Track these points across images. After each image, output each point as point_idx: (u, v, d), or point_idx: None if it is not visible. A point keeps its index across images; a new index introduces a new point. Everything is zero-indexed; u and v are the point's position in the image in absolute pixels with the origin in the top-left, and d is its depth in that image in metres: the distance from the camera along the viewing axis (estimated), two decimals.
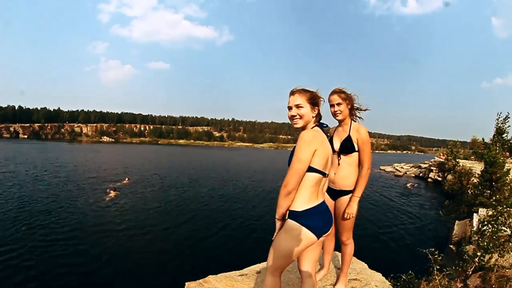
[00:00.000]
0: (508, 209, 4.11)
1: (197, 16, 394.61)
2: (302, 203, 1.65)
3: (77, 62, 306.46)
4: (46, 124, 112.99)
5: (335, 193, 2.39)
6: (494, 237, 3.38)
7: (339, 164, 2.33)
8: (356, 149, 2.33)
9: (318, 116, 1.81)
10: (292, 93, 1.78)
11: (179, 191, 15.32)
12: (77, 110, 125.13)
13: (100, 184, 16.27)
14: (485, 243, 3.32)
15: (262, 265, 3.09)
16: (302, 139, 1.63)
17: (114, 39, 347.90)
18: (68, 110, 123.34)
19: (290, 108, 1.77)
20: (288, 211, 1.66)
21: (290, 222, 1.66)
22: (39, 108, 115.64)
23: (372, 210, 12.20)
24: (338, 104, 2.32)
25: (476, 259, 3.29)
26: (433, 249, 3.16)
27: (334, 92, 2.35)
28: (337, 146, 2.34)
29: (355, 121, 2.41)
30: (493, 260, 3.39)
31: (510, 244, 3.37)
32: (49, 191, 13.81)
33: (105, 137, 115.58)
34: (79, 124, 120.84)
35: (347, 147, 2.33)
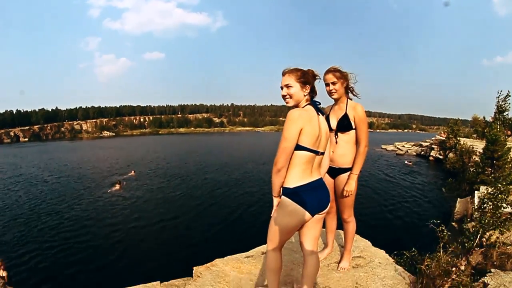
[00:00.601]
0: (508, 186, 4.18)
1: (189, 3, 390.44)
2: (293, 180, 1.68)
3: (71, 60, 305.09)
4: (46, 125, 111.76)
5: (334, 171, 2.39)
6: (495, 214, 3.44)
7: (336, 142, 2.34)
8: (353, 127, 2.34)
9: (312, 94, 1.80)
10: (283, 73, 1.79)
11: (184, 180, 15.50)
12: (76, 108, 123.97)
13: (106, 179, 16.39)
14: (486, 221, 3.38)
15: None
16: (287, 117, 1.66)
17: (107, 33, 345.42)
18: (67, 109, 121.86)
19: (281, 88, 1.78)
20: (282, 188, 1.70)
21: (284, 199, 1.70)
22: (37, 110, 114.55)
23: (375, 189, 12.32)
24: (333, 83, 2.30)
25: (478, 236, 3.37)
26: (441, 226, 3.22)
27: (328, 71, 2.33)
28: (334, 124, 2.33)
29: (351, 99, 2.41)
30: (494, 237, 3.46)
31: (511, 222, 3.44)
32: (56, 192, 13.99)
33: (105, 131, 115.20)
34: (79, 121, 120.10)
35: (344, 125, 2.34)
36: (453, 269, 2.38)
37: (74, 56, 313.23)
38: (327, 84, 2.32)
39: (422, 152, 25.31)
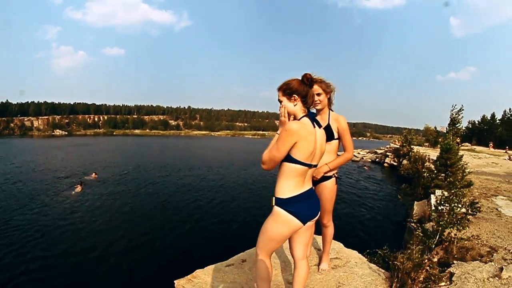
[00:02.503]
0: (460, 189, 4.57)
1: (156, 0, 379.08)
2: (287, 191, 1.72)
3: (26, 49, 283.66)
4: None
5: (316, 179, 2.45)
6: (451, 214, 3.74)
7: None
8: (336, 137, 2.43)
9: (305, 102, 1.78)
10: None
11: (150, 184, 14.81)
12: (27, 102, 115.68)
13: (65, 180, 15.21)
14: (443, 221, 3.68)
15: (247, 253, 3.21)
16: (285, 129, 1.65)
17: (67, 23, 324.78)
18: (17, 103, 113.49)
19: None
20: (274, 198, 1.76)
21: (276, 209, 1.74)
22: None
23: (338, 193, 12.72)
24: (318, 94, 2.35)
25: (438, 234, 3.65)
26: (406, 226, 3.45)
27: (314, 82, 2.41)
28: None
29: (333, 111, 2.48)
30: (452, 234, 3.77)
31: (466, 221, 3.76)
32: (8, 194, 12.59)
33: (57, 130, 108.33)
34: (30, 118, 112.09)
35: (327, 135, 2.34)
36: (426, 261, 2.57)
37: (30, 45, 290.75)
38: None
39: (377, 159, 26.54)
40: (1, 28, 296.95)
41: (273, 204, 1.76)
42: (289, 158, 1.68)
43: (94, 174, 16.63)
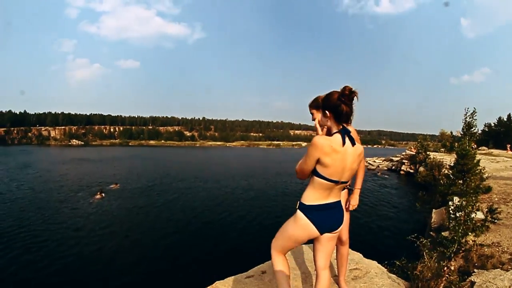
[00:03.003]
0: (475, 195, 4.52)
1: (170, 13, 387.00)
2: (309, 198, 1.78)
3: (43, 61, 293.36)
4: (12, 128, 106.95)
5: None
6: (468, 222, 3.72)
7: None
8: None
9: (338, 118, 1.73)
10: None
11: (173, 196, 14.82)
12: (44, 113, 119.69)
13: (86, 190, 15.61)
14: (461, 228, 3.65)
15: (266, 264, 3.19)
16: (310, 143, 1.69)
17: (82, 36, 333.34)
18: (35, 113, 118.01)
19: None
20: (299, 202, 1.82)
21: (298, 213, 1.81)
22: (4, 112, 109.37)
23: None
24: None
25: (456, 242, 3.62)
26: (420, 237, 3.46)
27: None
28: None
29: None
30: (470, 242, 3.73)
31: (484, 227, 3.73)
32: (32, 201, 13.15)
33: (74, 140, 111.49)
34: (47, 128, 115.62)
35: None
36: (445, 269, 2.57)
37: (46, 57, 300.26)
38: None
39: (393, 167, 26.19)
40: (22, 41, 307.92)
41: (297, 207, 1.83)
42: (315, 172, 1.73)
43: (116, 184, 17.04)
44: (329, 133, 1.79)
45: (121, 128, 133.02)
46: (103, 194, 13.92)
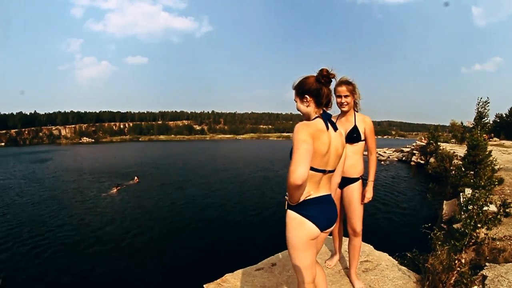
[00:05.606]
0: (488, 187, 4.47)
1: (176, 7, 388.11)
2: None
3: (51, 62, 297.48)
4: (23, 129, 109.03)
5: (342, 181, 2.34)
6: (480, 214, 3.70)
7: None
8: (362, 138, 2.40)
9: (318, 102, 1.61)
10: None
11: (187, 189, 15.10)
12: (54, 112, 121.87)
13: (104, 185, 16.08)
14: (473, 221, 3.63)
15: (276, 257, 3.21)
16: (294, 131, 1.51)
17: (89, 34, 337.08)
18: (45, 113, 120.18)
19: None
20: (287, 202, 1.61)
21: (289, 212, 1.62)
22: (14, 113, 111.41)
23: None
24: (346, 96, 2.32)
25: (468, 235, 3.61)
26: (435, 228, 3.46)
27: (342, 83, 2.32)
28: None
29: (358, 112, 2.47)
30: (482, 234, 3.72)
31: (496, 220, 3.70)
32: (50, 197, 13.53)
33: (84, 138, 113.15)
34: (58, 127, 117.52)
35: (354, 137, 2.38)
36: (456, 262, 2.59)
37: (54, 58, 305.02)
38: (338, 96, 2.36)
39: (404, 158, 25.93)
40: (27, 42, 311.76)
41: (285, 207, 1.63)
42: None
43: (136, 178, 17.22)
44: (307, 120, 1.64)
45: (131, 124, 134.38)
46: (119, 188, 14.39)
